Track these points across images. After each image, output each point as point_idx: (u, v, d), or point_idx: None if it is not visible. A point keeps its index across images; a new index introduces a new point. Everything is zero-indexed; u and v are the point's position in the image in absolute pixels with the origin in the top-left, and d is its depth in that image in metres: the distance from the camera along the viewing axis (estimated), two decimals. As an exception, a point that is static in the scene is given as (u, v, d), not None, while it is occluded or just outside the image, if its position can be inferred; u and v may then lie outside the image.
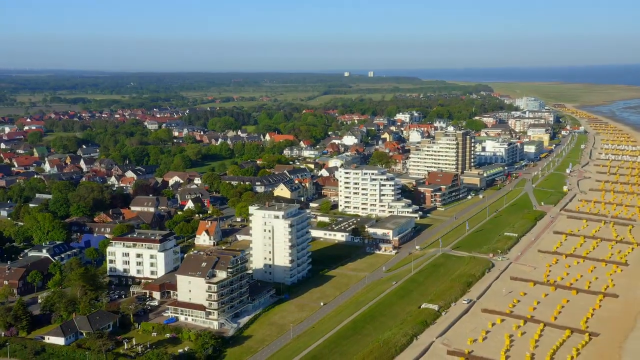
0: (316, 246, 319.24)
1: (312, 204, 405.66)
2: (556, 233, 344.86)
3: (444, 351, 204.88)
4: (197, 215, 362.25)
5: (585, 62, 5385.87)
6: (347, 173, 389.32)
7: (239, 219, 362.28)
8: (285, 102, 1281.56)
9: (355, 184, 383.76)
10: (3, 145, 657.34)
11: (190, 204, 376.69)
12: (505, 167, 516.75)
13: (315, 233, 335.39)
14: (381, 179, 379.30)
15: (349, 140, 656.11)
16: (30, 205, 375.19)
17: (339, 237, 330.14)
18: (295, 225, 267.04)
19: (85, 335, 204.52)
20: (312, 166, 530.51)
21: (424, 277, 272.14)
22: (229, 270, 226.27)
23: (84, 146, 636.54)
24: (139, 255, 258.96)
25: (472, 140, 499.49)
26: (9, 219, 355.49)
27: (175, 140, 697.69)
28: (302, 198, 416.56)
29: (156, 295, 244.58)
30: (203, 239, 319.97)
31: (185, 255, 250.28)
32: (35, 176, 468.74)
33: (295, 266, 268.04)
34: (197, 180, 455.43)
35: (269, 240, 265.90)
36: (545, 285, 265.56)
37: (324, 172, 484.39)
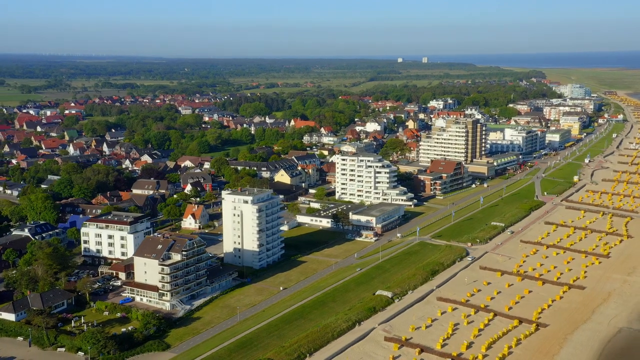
0: (300, 232, 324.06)
1: (312, 190, 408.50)
2: (547, 223, 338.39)
3: (383, 337, 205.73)
4: (193, 198, 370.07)
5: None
6: (343, 160, 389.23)
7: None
8: (328, 89, 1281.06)
9: (352, 170, 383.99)
10: (39, 128, 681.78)
11: (188, 188, 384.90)
12: (520, 156, 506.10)
13: (302, 219, 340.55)
14: (376, 166, 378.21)
15: (371, 127, 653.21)
16: (43, 186, 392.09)
17: (324, 223, 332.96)
18: (264, 211, 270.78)
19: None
20: (326, 153, 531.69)
21: (391, 264, 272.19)
22: (183, 253, 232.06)
23: (113, 130, 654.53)
24: (110, 237, 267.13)
25: (483, 129, 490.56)
26: (18, 198, 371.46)
27: (203, 125, 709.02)
28: (303, 184, 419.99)
29: (122, 275, 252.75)
30: (189, 222, 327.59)
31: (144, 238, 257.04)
32: (55, 158, 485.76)
33: (264, 251, 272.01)
34: (207, 165, 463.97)
35: (238, 224, 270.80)
36: (513, 275, 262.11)
37: (334, 159, 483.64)
